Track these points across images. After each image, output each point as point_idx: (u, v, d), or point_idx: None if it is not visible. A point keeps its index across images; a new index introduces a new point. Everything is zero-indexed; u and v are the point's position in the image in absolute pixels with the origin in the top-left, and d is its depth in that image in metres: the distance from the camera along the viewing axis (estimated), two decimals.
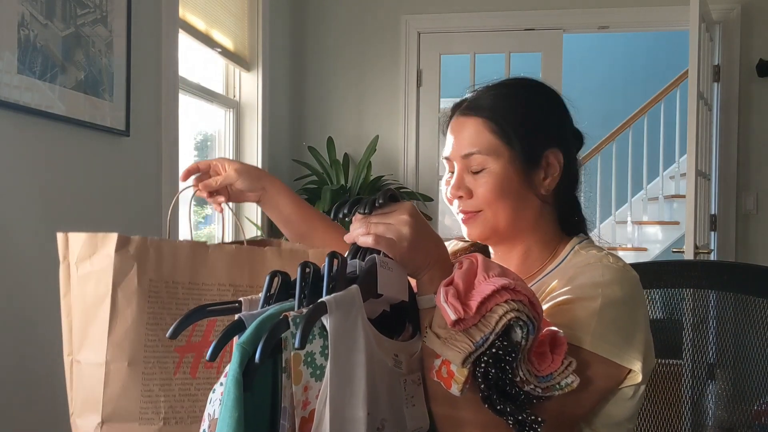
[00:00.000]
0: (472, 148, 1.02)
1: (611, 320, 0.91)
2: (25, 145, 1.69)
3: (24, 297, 1.68)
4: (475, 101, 1.05)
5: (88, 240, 0.90)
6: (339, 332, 0.68)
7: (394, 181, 3.66)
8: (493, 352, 0.74)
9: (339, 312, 0.68)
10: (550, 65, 3.66)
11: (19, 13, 1.62)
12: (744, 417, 1.40)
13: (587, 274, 0.96)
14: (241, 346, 0.66)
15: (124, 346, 0.85)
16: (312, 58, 3.83)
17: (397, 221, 0.80)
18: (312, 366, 0.68)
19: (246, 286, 0.91)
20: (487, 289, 0.75)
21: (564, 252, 1.06)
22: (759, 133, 3.54)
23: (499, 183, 1.01)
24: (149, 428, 0.83)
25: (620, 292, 0.93)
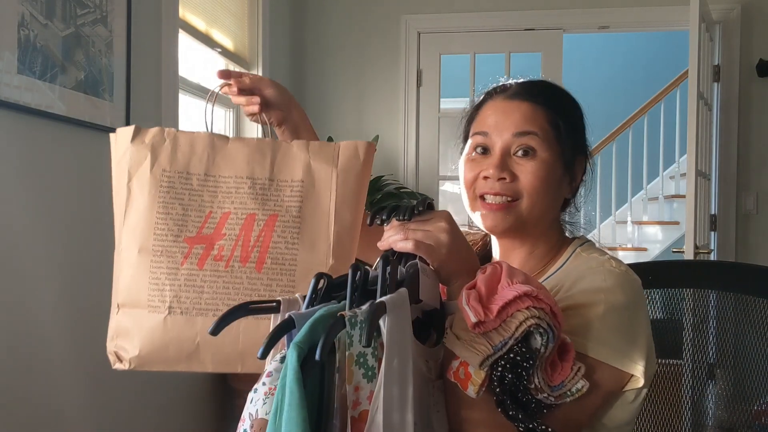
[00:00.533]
0: (528, 127, 0.99)
1: (614, 326, 0.90)
2: (25, 145, 1.69)
3: (24, 296, 1.68)
4: (526, 89, 1.03)
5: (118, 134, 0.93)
6: (393, 334, 0.69)
7: (394, 181, 3.66)
8: (511, 357, 0.75)
9: (393, 314, 0.69)
10: (550, 65, 3.66)
11: (19, 13, 1.62)
12: (744, 417, 1.40)
13: (589, 278, 0.95)
14: (298, 345, 0.66)
15: (136, 234, 0.86)
16: (312, 58, 3.83)
17: (435, 228, 0.83)
18: (364, 367, 0.69)
19: (266, 179, 0.88)
20: (509, 294, 0.76)
21: (565, 254, 1.05)
22: (759, 133, 3.54)
23: (546, 171, 0.99)
24: (156, 316, 0.84)
25: (622, 297, 0.93)
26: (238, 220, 0.86)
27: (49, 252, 1.78)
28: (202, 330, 0.83)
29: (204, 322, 0.83)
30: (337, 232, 0.88)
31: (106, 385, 2.01)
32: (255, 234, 0.86)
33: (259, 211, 0.87)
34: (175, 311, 0.84)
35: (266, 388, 0.71)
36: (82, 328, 1.89)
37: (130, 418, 2.14)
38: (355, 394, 0.68)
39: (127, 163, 0.89)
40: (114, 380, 2.04)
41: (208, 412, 2.72)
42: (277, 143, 0.92)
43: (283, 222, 0.86)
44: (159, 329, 0.83)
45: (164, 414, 2.39)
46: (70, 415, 1.85)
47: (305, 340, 0.66)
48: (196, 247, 0.86)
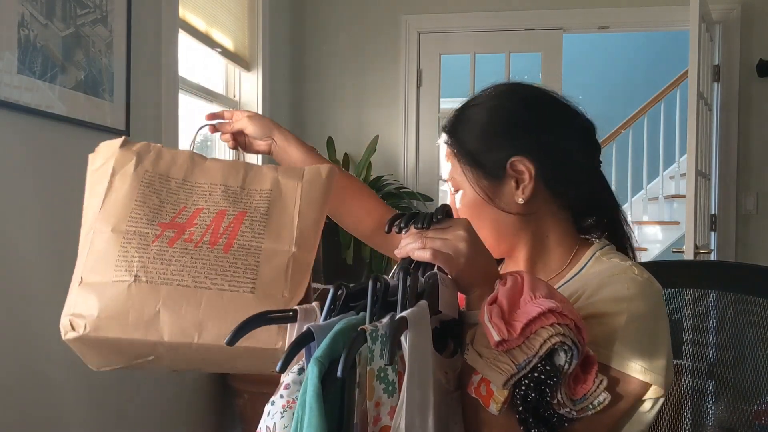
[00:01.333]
0: (446, 174, 1.06)
1: (636, 337, 0.89)
2: (25, 145, 1.69)
3: (24, 296, 1.68)
4: (447, 126, 1.08)
5: (104, 145, 1.00)
6: (415, 349, 0.68)
7: (394, 181, 3.66)
8: (535, 376, 0.74)
9: (414, 328, 0.68)
10: (550, 65, 3.66)
11: (19, 13, 1.62)
12: (744, 417, 1.40)
13: (612, 286, 0.93)
14: (318, 361, 0.65)
15: (111, 215, 0.90)
16: (312, 58, 3.83)
17: (454, 237, 0.81)
18: (385, 382, 0.68)
19: (238, 187, 0.95)
20: (533, 311, 0.74)
21: (584, 259, 1.02)
22: (759, 133, 3.54)
23: (469, 204, 1.02)
24: (121, 285, 0.86)
25: (645, 306, 0.92)
26: (210, 214, 0.92)
27: (49, 252, 1.78)
28: (165, 297, 0.84)
29: (168, 291, 0.84)
30: (300, 227, 0.92)
31: (106, 385, 2.01)
32: (224, 225, 0.91)
33: (230, 208, 0.93)
34: (141, 279, 0.85)
35: (284, 401, 0.70)
36: None
37: (129, 418, 2.14)
38: (376, 410, 0.67)
39: (112, 164, 0.95)
40: (114, 380, 2.04)
41: (208, 412, 2.72)
42: (249, 164, 1.02)
43: (251, 218, 0.92)
44: (122, 295, 0.85)
45: (164, 414, 2.39)
46: (70, 415, 1.85)
47: (326, 354, 0.66)
48: (168, 231, 0.89)
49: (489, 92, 1.07)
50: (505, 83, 1.08)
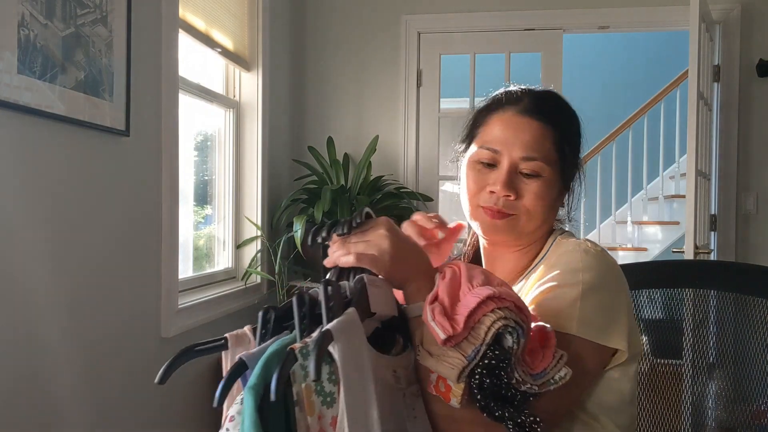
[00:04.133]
0: (534, 152, 1.02)
1: (594, 304, 0.93)
2: (25, 145, 1.69)
3: (24, 297, 1.68)
4: (538, 105, 1.05)
5: None
6: (346, 358, 0.68)
7: (394, 181, 3.66)
8: (486, 363, 0.75)
9: (343, 338, 0.69)
10: (550, 65, 3.66)
11: (19, 13, 1.62)
12: (744, 417, 1.40)
13: (566, 259, 0.98)
14: (253, 389, 0.66)
15: None
16: (312, 58, 3.83)
17: (376, 237, 0.82)
18: (322, 394, 0.69)
19: None
20: (472, 301, 0.75)
21: (547, 245, 1.09)
22: (759, 133, 3.54)
23: (547, 191, 1.03)
24: None
25: (599, 277, 0.95)
26: None
27: (49, 252, 1.78)
28: None
29: None
30: None
31: (106, 386, 2.01)
32: None
33: None
34: None
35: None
36: (82, 328, 1.89)
37: (129, 418, 2.14)
38: (319, 423, 0.68)
39: None
40: (114, 380, 2.04)
41: (208, 411, 2.72)
42: None
43: None
44: None
45: (164, 413, 2.39)
46: (69, 415, 1.85)
47: (260, 382, 0.66)
48: None
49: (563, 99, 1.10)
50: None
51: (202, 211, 3.11)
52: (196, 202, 3.04)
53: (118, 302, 2.07)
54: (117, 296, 2.07)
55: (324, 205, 3.05)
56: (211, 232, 3.15)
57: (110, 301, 2.03)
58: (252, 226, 3.21)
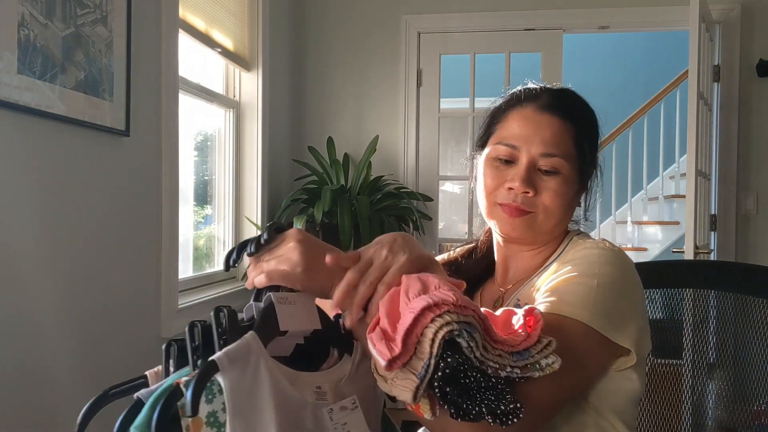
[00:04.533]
0: (554, 149, 1.01)
1: (608, 298, 0.91)
2: (25, 145, 1.69)
3: (24, 297, 1.68)
4: (559, 101, 1.05)
5: None
6: (236, 387, 0.67)
7: (394, 181, 3.66)
8: (441, 375, 0.71)
9: (235, 366, 0.67)
10: (550, 65, 3.66)
11: (19, 13, 1.62)
12: (744, 417, 1.40)
13: (583, 254, 0.98)
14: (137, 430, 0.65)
15: None
16: (312, 58, 3.83)
17: (285, 251, 0.79)
18: (216, 425, 0.67)
19: None
20: (408, 318, 0.72)
21: (563, 245, 1.08)
22: (759, 133, 3.54)
23: (566, 189, 1.02)
24: None
25: (616, 273, 0.95)
26: None
27: (49, 252, 1.78)
28: None
29: None
30: None
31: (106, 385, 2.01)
32: None
33: None
34: None
35: None
36: (82, 329, 1.89)
37: None
38: None
39: None
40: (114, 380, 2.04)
41: None
42: None
43: None
44: None
45: None
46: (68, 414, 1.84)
47: (145, 422, 0.66)
48: None
49: (581, 97, 1.11)
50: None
51: (202, 211, 3.11)
52: (196, 202, 3.04)
53: (118, 302, 2.07)
54: (117, 296, 2.07)
55: (324, 205, 3.05)
56: (211, 232, 3.15)
57: (110, 300, 2.03)
58: (252, 226, 3.21)
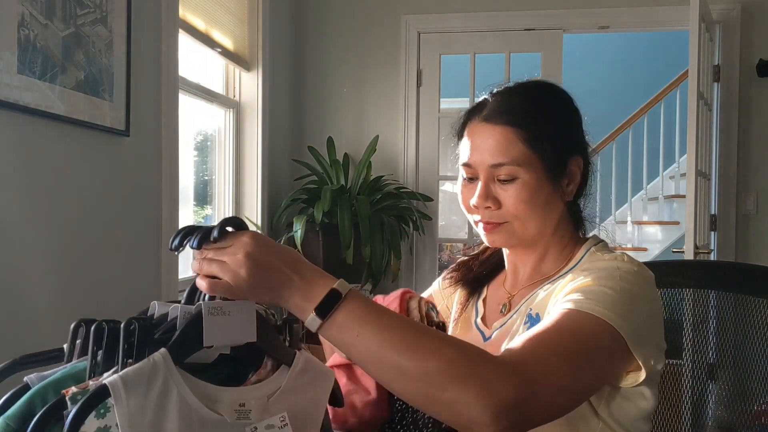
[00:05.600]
0: (503, 158, 1.00)
1: (631, 308, 0.89)
2: (25, 145, 1.69)
3: (23, 296, 1.68)
4: (500, 107, 1.02)
5: None
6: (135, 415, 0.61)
7: (394, 181, 3.66)
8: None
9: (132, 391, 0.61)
10: (550, 65, 3.65)
11: (19, 13, 1.62)
12: (744, 417, 1.40)
13: (601, 265, 0.96)
14: (6, 422, 0.60)
15: None
16: (312, 58, 3.82)
17: (232, 262, 0.71)
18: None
19: None
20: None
21: (579, 253, 1.06)
22: (759, 133, 3.53)
23: (530, 193, 1.00)
24: None
25: (636, 286, 0.93)
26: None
27: (49, 252, 1.78)
28: None
29: None
30: None
31: None
32: None
33: None
34: None
35: None
36: None
37: None
38: None
39: None
40: None
41: None
42: None
43: None
44: None
45: None
46: None
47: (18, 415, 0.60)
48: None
49: (537, 86, 1.08)
50: (541, 80, 1.11)
51: (202, 211, 3.11)
52: (196, 202, 3.04)
53: (118, 302, 2.07)
54: (117, 296, 2.07)
55: (324, 205, 3.05)
56: None
57: (110, 300, 2.03)
58: (252, 226, 3.21)
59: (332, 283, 0.74)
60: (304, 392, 0.75)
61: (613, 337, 0.85)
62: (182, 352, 0.67)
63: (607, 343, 0.85)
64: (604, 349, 0.86)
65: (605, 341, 0.85)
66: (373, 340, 0.73)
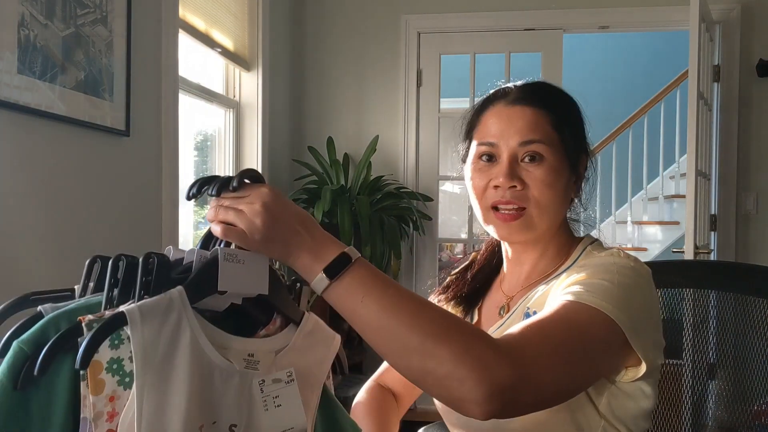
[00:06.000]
0: (532, 135, 1.00)
1: (629, 301, 0.89)
2: (25, 145, 1.69)
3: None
4: (528, 93, 1.04)
5: None
6: (149, 346, 0.62)
7: (394, 181, 3.66)
8: None
9: (148, 322, 0.62)
10: (550, 65, 3.65)
11: (19, 13, 1.62)
12: (744, 417, 1.40)
13: (598, 261, 0.97)
14: (19, 346, 0.60)
15: None
16: (312, 58, 3.82)
17: (249, 211, 0.72)
18: (119, 373, 0.61)
19: None
20: None
21: (576, 253, 1.06)
22: (759, 133, 3.53)
23: (554, 176, 1.00)
24: None
25: (633, 280, 0.93)
26: None
27: (49, 252, 1.78)
28: None
29: None
30: None
31: None
32: None
33: None
34: None
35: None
36: None
37: None
38: (110, 405, 0.61)
39: None
40: None
41: None
42: None
43: None
44: None
45: None
46: None
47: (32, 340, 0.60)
48: None
49: (554, 85, 1.10)
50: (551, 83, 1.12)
51: (202, 211, 3.11)
52: (196, 202, 3.04)
53: None
54: None
55: (324, 205, 3.05)
56: None
57: None
58: None
59: (343, 248, 0.75)
60: (311, 353, 0.76)
61: (610, 328, 0.86)
62: (197, 293, 0.67)
63: (604, 334, 0.86)
64: (601, 340, 0.86)
65: (602, 332, 0.85)
66: (376, 306, 0.73)
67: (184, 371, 0.64)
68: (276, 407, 0.71)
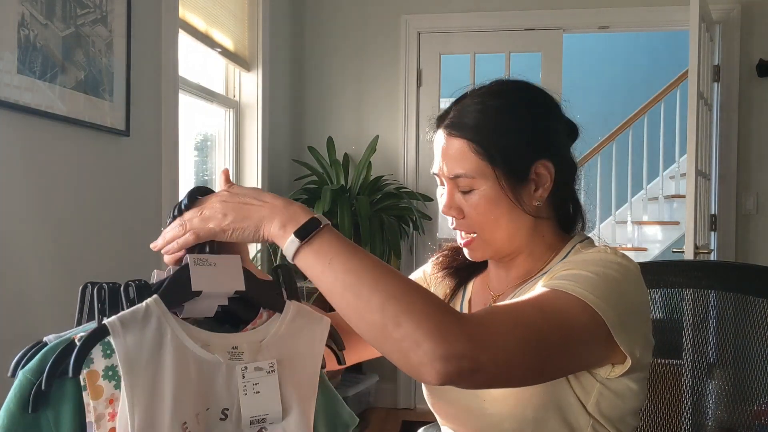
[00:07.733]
0: (459, 170, 1.00)
1: (614, 294, 0.89)
2: (25, 145, 1.69)
3: (23, 296, 1.68)
4: (459, 118, 1.03)
5: None
6: (132, 350, 0.68)
7: (394, 181, 3.67)
8: None
9: (129, 330, 0.68)
10: (550, 65, 3.66)
11: (19, 13, 1.62)
12: (744, 417, 1.40)
13: (584, 257, 0.97)
14: (25, 376, 0.67)
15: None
16: (312, 58, 3.83)
17: (209, 206, 0.78)
18: (115, 378, 0.68)
19: None
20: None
21: (565, 250, 1.06)
22: (759, 133, 3.54)
23: (488, 204, 1.00)
24: None
25: (621, 275, 0.92)
26: None
27: (49, 252, 1.78)
28: None
29: None
30: None
31: None
32: None
33: None
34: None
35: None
36: None
37: None
38: (110, 407, 0.68)
39: None
40: None
41: None
42: None
43: None
44: None
45: None
46: None
47: (35, 369, 0.67)
48: None
49: (499, 90, 1.06)
50: (511, 80, 1.09)
51: None
52: None
53: None
54: None
55: (324, 205, 3.05)
56: None
57: None
58: None
59: (313, 214, 0.79)
60: (298, 337, 0.79)
61: (592, 318, 0.85)
62: (174, 297, 0.73)
63: (583, 324, 0.85)
64: (581, 328, 0.85)
65: (581, 321, 0.85)
66: (342, 268, 0.76)
67: (170, 368, 0.69)
68: (255, 393, 0.75)
